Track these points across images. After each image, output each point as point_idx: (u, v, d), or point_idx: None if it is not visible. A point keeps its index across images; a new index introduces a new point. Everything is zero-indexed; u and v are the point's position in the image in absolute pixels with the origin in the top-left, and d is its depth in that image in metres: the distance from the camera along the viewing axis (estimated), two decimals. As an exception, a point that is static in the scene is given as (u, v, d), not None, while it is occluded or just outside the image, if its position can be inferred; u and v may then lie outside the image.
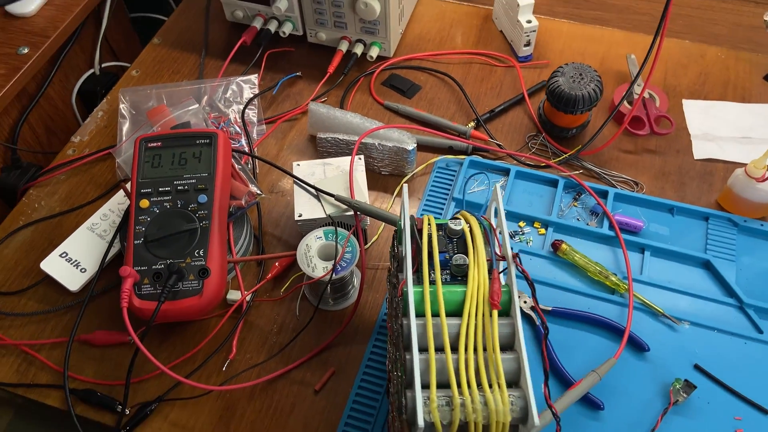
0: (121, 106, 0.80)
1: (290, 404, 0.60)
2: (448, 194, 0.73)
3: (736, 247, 0.67)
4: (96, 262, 0.67)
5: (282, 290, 0.65)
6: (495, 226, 0.46)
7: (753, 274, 0.66)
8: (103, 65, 1.00)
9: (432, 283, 0.41)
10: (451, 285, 0.42)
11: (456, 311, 0.41)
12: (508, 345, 0.40)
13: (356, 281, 0.67)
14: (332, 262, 0.61)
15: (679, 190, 0.73)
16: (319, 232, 0.64)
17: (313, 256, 0.62)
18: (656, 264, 0.67)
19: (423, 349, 0.39)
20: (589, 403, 0.58)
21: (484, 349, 0.39)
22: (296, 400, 0.60)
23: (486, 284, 0.41)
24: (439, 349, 0.39)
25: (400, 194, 0.75)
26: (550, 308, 0.64)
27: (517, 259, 0.42)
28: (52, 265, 0.67)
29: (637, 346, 0.61)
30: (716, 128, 0.78)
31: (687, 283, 0.65)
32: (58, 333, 0.65)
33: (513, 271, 0.42)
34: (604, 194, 0.72)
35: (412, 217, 0.47)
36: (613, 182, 0.74)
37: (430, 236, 0.44)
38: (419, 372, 0.37)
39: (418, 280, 0.44)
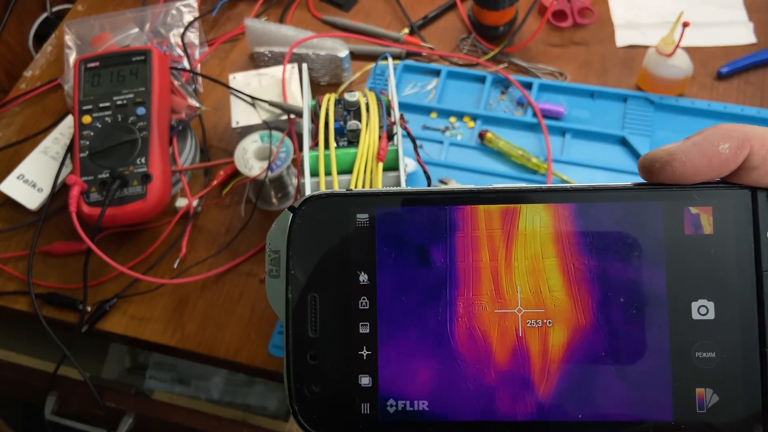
0: (67, 37, 0.83)
1: (238, 293, 0.66)
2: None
3: (651, 123, 0.71)
4: (51, 181, 0.72)
5: (224, 191, 0.70)
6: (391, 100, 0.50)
7: (666, 147, 0.69)
8: (55, 8, 1.03)
9: (326, 147, 0.46)
10: (346, 148, 0.47)
11: (350, 170, 0.46)
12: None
13: (295, 181, 0.72)
14: (268, 161, 0.66)
15: (602, 77, 0.77)
16: (255, 136, 0.68)
17: (249, 158, 0.67)
18: (576, 145, 0.71)
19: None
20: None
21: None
22: (244, 290, 0.66)
23: (375, 144, 0.45)
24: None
25: (338, 102, 0.78)
26: (475, 191, 0.68)
27: (403, 120, 0.46)
28: (11, 187, 0.72)
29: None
30: (639, 16, 0.81)
31: (604, 159, 0.70)
32: (22, 247, 0.70)
33: (399, 130, 0.46)
34: (529, 86, 0.75)
35: (317, 98, 0.51)
36: (539, 74, 0.77)
37: (327, 109, 0.48)
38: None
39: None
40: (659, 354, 0.25)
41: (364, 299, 0.25)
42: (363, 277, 0.25)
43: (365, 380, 0.25)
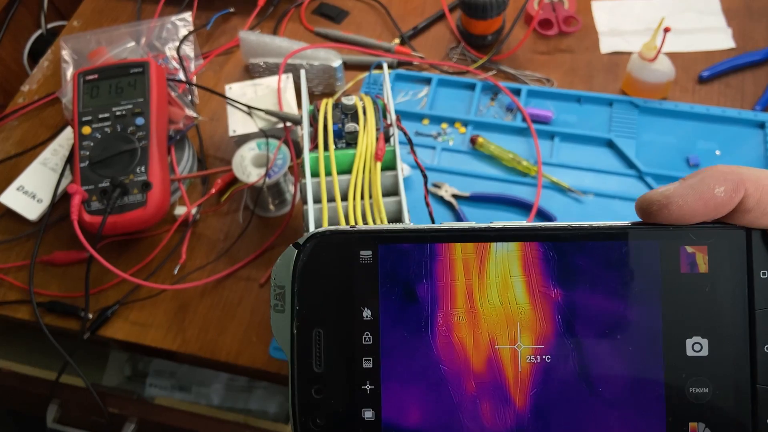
0: (63, 52, 0.84)
1: (238, 298, 0.67)
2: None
3: (637, 126, 0.73)
4: (51, 192, 0.73)
5: (222, 199, 0.71)
6: (387, 103, 0.52)
7: (651, 148, 0.72)
8: (50, 25, 1.04)
9: (325, 148, 0.47)
10: (345, 150, 0.48)
11: (349, 170, 0.47)
12: (393, 192, 0.46)
13: (292, 188, 0.73)
14: (265, 168, 0.67)
15: (588, 83, 0.79)
16: (252, 143, 0.69)
17: (247, 165, 0.68)
18: (564, 148, 0.73)
19: (318, 202, 0.45)
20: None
21: (371, 197, 0.45)
22: (243, 294, 0.67)
23: (373, 145, 0.47)
24: (333, 200, 0.46)
25: (332, 110, 0.80)
26: (468, 194, 0.70)
27: (399, 121, 0.48)
28: (11, 198, 0.73)
29: (545, 217, 0.67)
30: (622, 24, 0.83)
31: (592, 161, 0.72)
32: (22, 257, 0.71)
33: (396, 131, 0.48)
34: (517, 92, 0.78)
35: (314, 103, 0.53)
36: (527, 81, 0.80)
37: (325, 113, 0.50)
38: (314, 220, 0.43)
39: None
40: (654, 389, 0.25)
41: (367, 335, 0.26)
42: (366, 313, 0.26)
43: (369, 414, 0.26)
